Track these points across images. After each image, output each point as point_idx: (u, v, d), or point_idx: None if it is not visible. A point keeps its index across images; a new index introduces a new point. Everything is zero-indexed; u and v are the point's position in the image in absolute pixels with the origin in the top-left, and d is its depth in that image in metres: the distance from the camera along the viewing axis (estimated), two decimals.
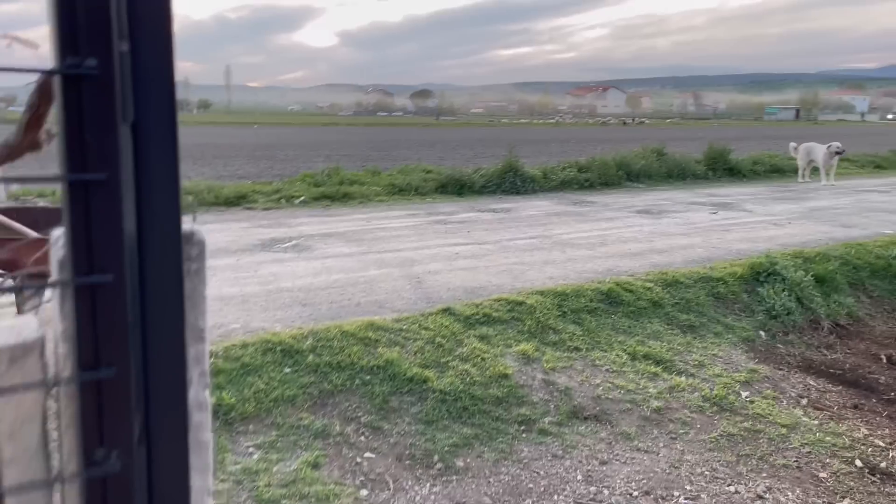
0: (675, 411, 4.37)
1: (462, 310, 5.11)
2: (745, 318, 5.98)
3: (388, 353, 4.38)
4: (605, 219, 9.38)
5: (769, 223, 9.17)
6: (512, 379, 4.38)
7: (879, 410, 4.73)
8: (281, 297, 5.36)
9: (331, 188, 10.42)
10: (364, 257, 6.71)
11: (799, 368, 5.39)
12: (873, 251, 7.44)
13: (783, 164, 16.40)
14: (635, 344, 5.13)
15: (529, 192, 11.92)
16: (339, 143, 33.66)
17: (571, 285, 5.81)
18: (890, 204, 11.25)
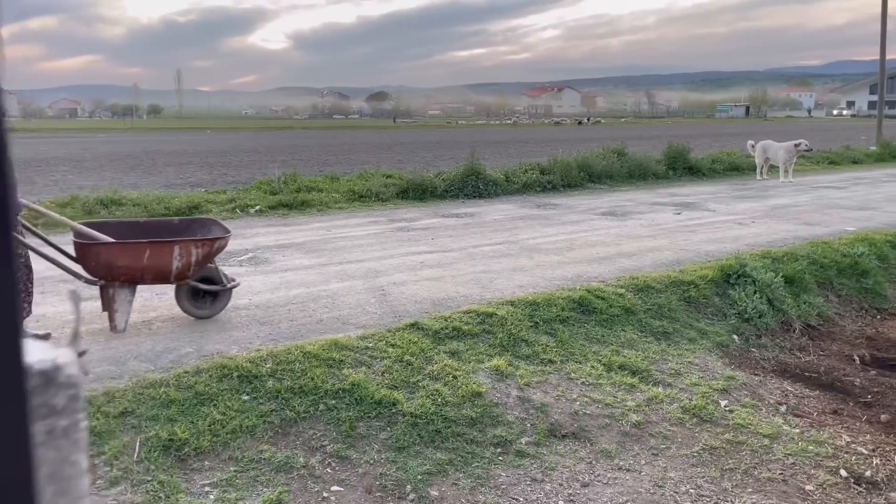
0: (656, 425, 4.21)
1: (430, 324, 4.87)
2: (718, 323, 5.87)
3: (354, 374, 4.11)
4: (570, 222, 9.24)
5: (733, 222, 9.15)
6: (485, 397, 4.16)
7: (858, 415, 4.64)
8: (237, 316, 5.04)
9: (288, 196, 10.07)
10: (325, 269, 6.42)
11: (774, 373, 5.29)
12: (839, 249, 7.43)
13: (741, 162, 16.56)
14: (610, 354, 4.96)
15: (492, 196, 11.74)
16: (296, 147, 33.11)
17: (542, 294, 5.62)
18: (848, 200, 11.37)
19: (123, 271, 4.47)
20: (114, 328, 4.57)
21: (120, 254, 4.48)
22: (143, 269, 4.52)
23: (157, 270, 4.57)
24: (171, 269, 4.60)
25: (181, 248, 4.59)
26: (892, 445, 4.17)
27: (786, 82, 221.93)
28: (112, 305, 4.55)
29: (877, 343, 6.05)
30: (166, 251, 4.56)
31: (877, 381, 5.17)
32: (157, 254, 4.53)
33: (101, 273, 4.50)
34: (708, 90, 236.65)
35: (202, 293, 4.92)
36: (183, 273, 4.67)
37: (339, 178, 12.13)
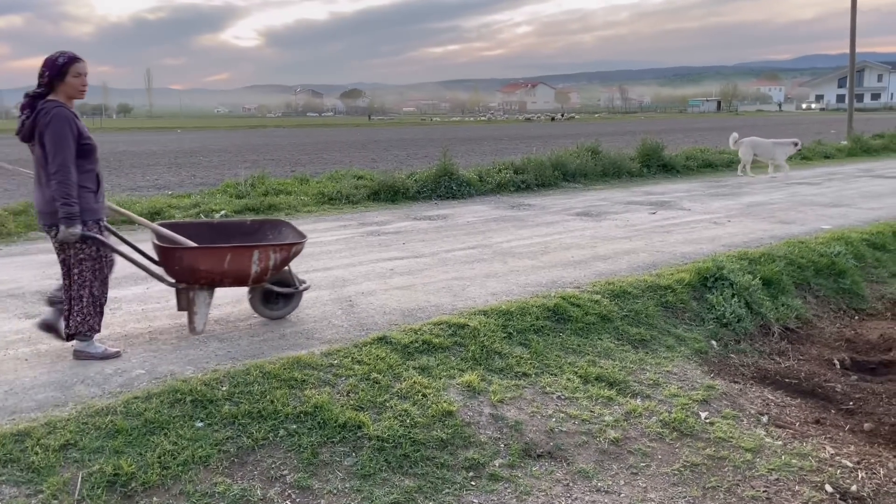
0: (634, 441, 4.03)
1: (399, 337, 4.65)
2: (696, 328, 5.72)
3: (317, 395, 3.88)
4: (545, 223, 9.07)
5: (709, 222, 9.03)
6: (457, 416, 3.95)
7: (841, 424, 4.50)
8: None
9: (255, 199, 9.76)
10: None
11: (755, 380, 5.15)
12: (816, 249, 7.34)
13: (714, 158, 16.55)
14: (586, 365, 4.78)
15: (466, 196, 11.54)
16: (267, 146, 32.64)
17: (516, 302, 5.42)
18: (822, 197, 11.34)
19: (204, 275, 4.57)
20: (192, 330, 4.69)
21: (202, 258, 4.57)
22: (223, 273, 4.62)
23: (236, 274, 4.67)
24: (249, 274, 4.69)
25: (260, 253, 4.67)
26: (877, 457, 4.04)
27: (756, 76, 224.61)
28: (191, 308, 4.66)
29: (856, 345, 5.94)
30: (246, 256, 4.62)
31: (858, 387, 5.05)
32: (238, 258, 4.60)
33: (183, 276, 4.59)
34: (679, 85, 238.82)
35: (275, 295, 5.00)
36: (261, 277, 4.77)
37: (308, 180, 11.84)
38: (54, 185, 4.01)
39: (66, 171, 4.00)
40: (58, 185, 4.00)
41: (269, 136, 44.89)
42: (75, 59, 4.15)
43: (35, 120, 4.06)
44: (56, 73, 4.08)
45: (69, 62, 4.10)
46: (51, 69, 4.08)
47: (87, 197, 4.15)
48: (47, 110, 4.03)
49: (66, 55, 4.14)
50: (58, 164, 3.99)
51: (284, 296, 5.04)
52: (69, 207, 4.01)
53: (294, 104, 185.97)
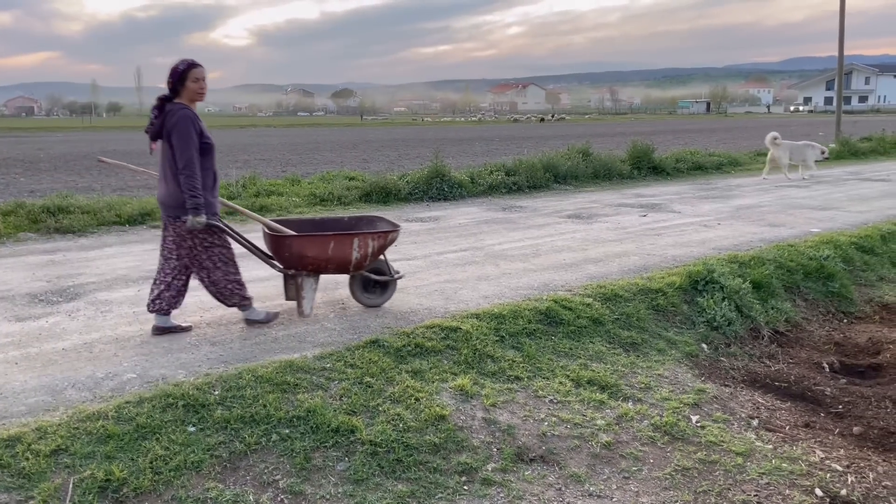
0: (626, 445, 4.04)
1: (392, 340, 4.65)
2: (687, 331, 5.75)
3: (310, 399, 3.87)
4: (536, 226, 9.08)
5: (699, 224, 9.08)
6: (449, 421, 3.95)
7: (831, 428, 4.54)
8: (186, 336, 4.76)
9: (246, 200, 9.72)
10: (281, 281, 6.13)
11: (745, 383, 5.18)
12: (805, 252, 7.39)
13: (704, 160, 16.63)
14: (578, 368, 4.79)
15: (457, 198, 11.55)
16: (258, 146, 32.52)
17: (508, 305, 5.44)
18: (811, 200, 11.42)
19: (311, 261, 5.02)
20: (301, 313, 5.14)
21: (309, 245, 5.00)
22: (327, 260, 5.05)
23: (339, 261, 5.10)
24: (350, 260, 5.12)
25: (360, 240, 5.10)
26: (867, 461, 4.07)
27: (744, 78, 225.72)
28: (300, 293, 5.11)
29: (845, 349, 5.99)
30: (347, 243, 5.07)
31: (847, 391, 5.09)
32: (340, 245, 5.04)
33: (293, 263, 5.03)
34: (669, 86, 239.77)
35: (372, 283, 5.43)
36: (360, 264, 5.20)
37: (300, 181, 11.81)
38: (182, 180, 4.44)
39: (191, 166, 4.43)
40: (185, 180, 4.43)
41: (260, 136, 44.76)
42: (193, 65, 4.57)
43: (163, 121, 4.52)
44: (177, 79, 4.53)
45: (188, 69, 4.54)
46: (173, 76, 4.53)
47: (204, 193, 4.54)
48: (173, 112, 4.49)
49: (185, 62, 4.56)
50: (185, 160, 4.42)
51: (381, 284, 5.46)
52: (196, 199, 4.43)
53: (285, 104, 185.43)
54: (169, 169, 4.55)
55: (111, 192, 11.99)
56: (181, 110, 4.50)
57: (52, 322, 5.06)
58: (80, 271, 6.60)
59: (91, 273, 6.53)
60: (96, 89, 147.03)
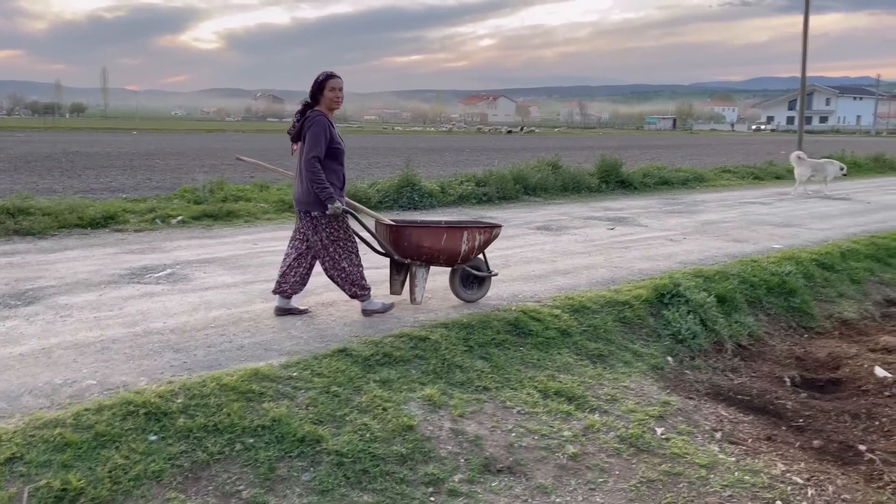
0: (592, 456, 4.06)
1: (360, 349, 4.62)
2: (653, 344, 5.81)
3: (275, 408, 3.82)
4: (505, 237, 9.10)
5: (665, 239, 9.20)
6: (417, 431, 3.93)
7: (791, 441, 4.61)
8: (150, 342, 4.66)
9: (213, 205, 9.59)
10: (249, 288, 6.07)
11: (709, 396, 5.24)
12: (767, 268, 7.53)
13: (670, 176, 16.88)
14: (546, 379, 4.81)
15: (428, 208, 11.54)
16: (227, 151, 32.14)
17: (477, 315, 5.44)
18: (773, 216, 11.65)
19: (426, 251, 5.50)
20: (413, 300, 5.62)
21: (426, 236, 5.48)
22: (440, 251, 5.54)
23: (449, 252, 5.58)
24: (459, 252, 5.61)
25: (469, 233, 5.62)
26: (826, 474, 4.14)
27: (710, 96, 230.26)
28: (413, 282, 5.60)
29: (805, 363, 6.11)
30: (458, 236, 5.57)
31: (808, 405, 5.19)
32: (451, 237, 5.53)
33: (410, 253, 5.50)
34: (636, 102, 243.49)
35: (471, 279, 5.88)
36: (467, 256, 5.69)
37: (269, 187, 11.69)
38: (307, 175, 4.95)
39: (314, 163, 4.93)
40: (310, 175, 4.94)
41: (228, 141, 44.30)
42: (330, 76, 5.08)
43: (303, 125, 5.06)
44: (316, 89, 5.07)
45: (325, 79, 5.06)
46: (313, 85, 5.10)
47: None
48: (311, 118, 5.04)
49: (324, 73, 5.09)
50: (309, 157, 4.94)
51: (478, 280, 5.91)
52: (325, 190, 4.92)
53: (254, 109, 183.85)
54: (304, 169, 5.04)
55: (73, 194, 11.73)
56: (318, 116, 5.03)
57: (10, 326, 4.91)
58: (39, 274, 6.43)
59: (51, 276, 6.37)
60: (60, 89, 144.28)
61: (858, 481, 4.11)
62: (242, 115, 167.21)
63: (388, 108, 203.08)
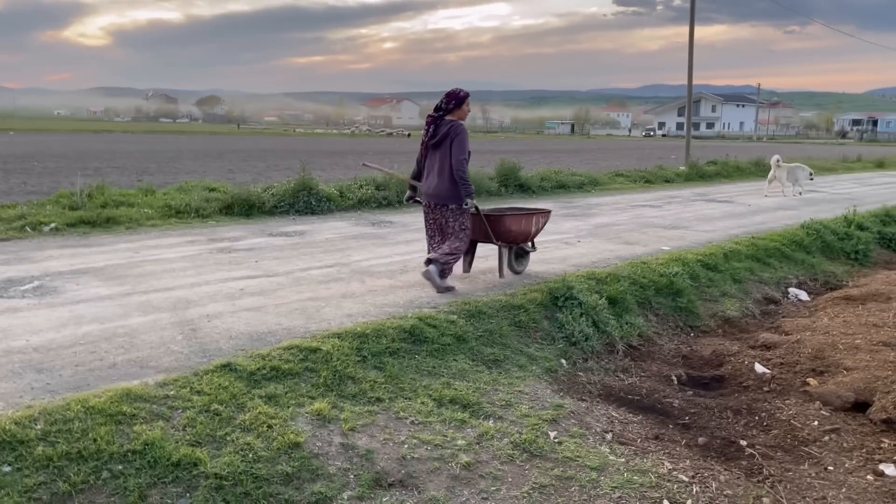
0: (486, 464, 4.01)
1: (245, 364, 4.39)
2: (548, 347, 5.86)
3: (148, 431, 3.55)
4: (404, 241, 9.03)
5: (560, 242, 9.35)
6: (304, 448, 3.75)
7: (678, 439, 4.74)
8: (9, 362, 4.26)
9: (91, 211, 8.98)
10: (126, 300, 5.68)
11: (601, 397, 5.32)
12: (656, 269, 7.77)
13: (567, 180, 17.28)
14: (441, 387, 4.73)
15: (326, 212, 11.29)
16: (113, 153, 30.53)
17: (372, 324, 5.30)
18: (662, 219, 12.11)
19: (513, 235, 6.85)
20: (501, 275, 7.01)
21: (513, 222, 6.82)
22: (520, 233, 6.91)
23: (525, 234, 6.99)
24: (531, 233, 7.09)
25: (536, 218, 7.10)
26: (710, 470, 4.27)
27: (606, 102, 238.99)
28: (501, 260, 7.03)
29: (691, 361, 6.33)
30: (531, 220, 7.03)
31: (693, 402, 5.35)
32: (528, 222, 6.98)
33: (503, 237, 6.82)
34: (536, 107, 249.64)
35: (522, 254, 7.24)
36: (533, 236, 7.19)
37: (154, 192, 11.10)
38: (459, 175, 6.08)
39: (464, 164, 6.12)
40: (460, 174, 6.08)
41: (116, 142, 42.13)
42: (468, 94, 6.30)
43: (447, 131, 6.13)
44: (457, 103, 6.24)
45: (466, 96, 6.29)
46: (456, 99, 6.23)
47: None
48: (457, 127, 6.17)
49: (464, 91, 6.28)
50: (460, 159, 6.07)
51: (525, 255, 7.25)
52: (469, 188, 6.14)
53: (145, 109, 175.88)
54: (447, 169, 6.13)
55: None
56: (461, 126, 6.22)
57: None
58: None
59: None
60: None
61: (740, 476, 4.26)
62: (133, 115, 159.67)
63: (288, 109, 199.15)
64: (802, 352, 6.19)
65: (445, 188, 6.14)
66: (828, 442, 4.74)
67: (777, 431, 4.90)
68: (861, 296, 7.97)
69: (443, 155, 6.12)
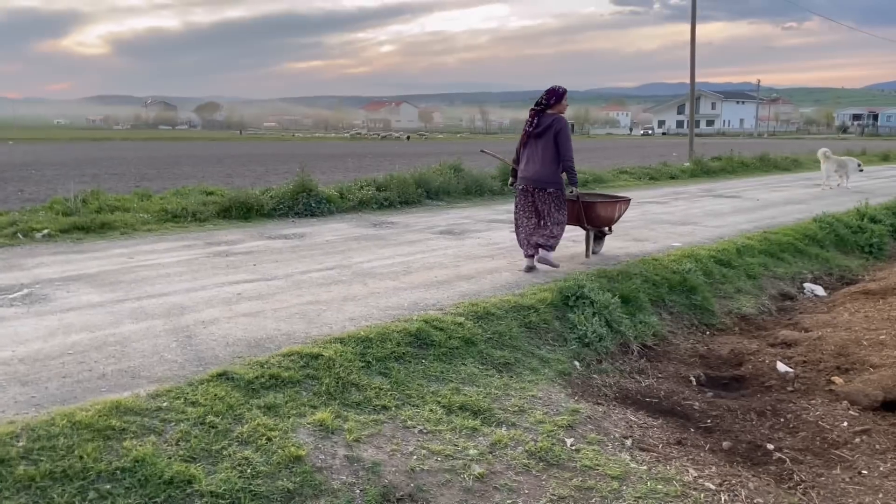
0: (500, 475, 3.76)
1: (243, 372, 4.14)
2: (560, 349, 5.61)
3: (139, 447, 3.30)
4: (407, 242, 8.78)
5: (567, 240, 9.07)
6: (306, 461, 3.51)
7: (701, 444, 4.49)
8: None
9: (86, 217, 8.74)
10: (118, 307, 5.44)
11: (617, 401, 5.08)
12: (668, 266, 7.52)
13: None
14: (450, 393, 4.49)
15: (326, 214, 11.05)
16: (112, 160, 30.36)
17: (376, 327, 5.06)
18: (670, 215, 11.85)
19: (601, 220, 7.66)
20: (588, 256, 7.73)
21: (602, 209, 7.60)
22: (605, 218, 7.69)
23: (609, 219, 7.78)
24: (614, 218, 7.83)
25: (619, 205, 7.83)
26: (737, 477, 4.02)
27: (605, 102, 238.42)
28: (588, 242, 7.72)
29: (709, 361, 6.07)
30: (616, 207, 7.78)
31: (714, 404, 5.10)
32: (612, 208, 7.71)
33: (593, 222, 7.57)
34: None
35: (601, 236, 8.03)
36: (615, 221, 7.92)
37: (151, 196, 10.87)
38: (567, 165, 6.78)
39: (572, 156, 6.79)
40: (569, 164, 6.77)
41: (115, 149, 41.97)
42: (566, 91, 6.88)
43: (551, 123, 6.75)
44: (558, 99, 6.82)
45: (565, 92, 6.87)
46: (556, 96, 6.82)
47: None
48: (559, 120, 6.80)
49: (563, 88, 6.85)
50: (569, 152, 6.78)
51: (602, 237, 8.05)
52: (575, 176, 6.88)
53: (145, 116, 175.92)
54: (548, 156, 6.75)
55: None
56: (563, 119, 6.83)
57: None
58: None
59: None
60: None
61: (769, 483, 4.01)
62: (132, 122, 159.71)
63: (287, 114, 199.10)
64: (825, 349, 5.93)
65: (546, 173, 6.74)
66: (859, 444, 4.49)
67: (805, 434, 4.65)
68: (880, 290, 7.71)
69: (545, 144, 6.73)
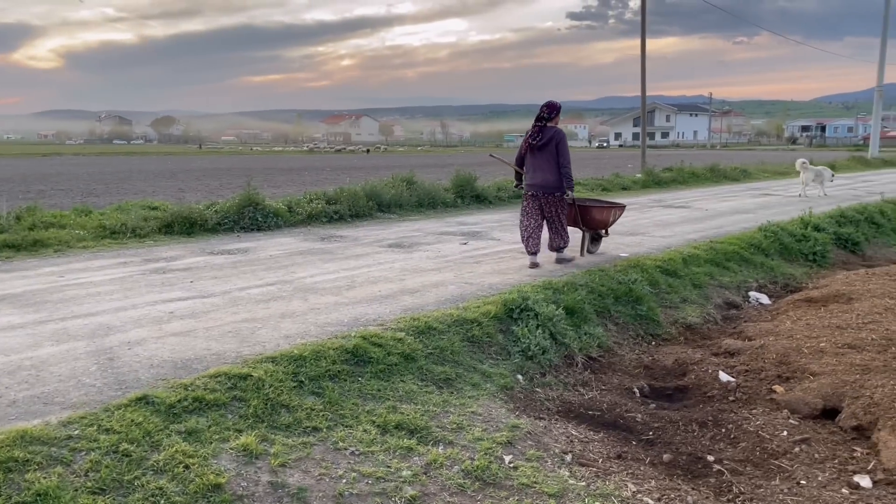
0: (433, 497, 3.63)
1: (164, 395, 3.94)
2: (503, 363, 5.51)
3: (43, 479, 3.10)
4: (354, 256, 8.62)
5: (517, 251, 9.04)
6: (226, 490, 3.33)
7: (642, 457, 4.42)
8: None
9: (17, 234, 8.39)
10: (40, 328, 5.18)
11: (559, 415, 4.99)
12: (614, 277, 7.51)
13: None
14: (386, 412, 4.35)
15: (273, 228, 10.82)
16: (60, 175, 29.54)
17: (311, 345, 4.89)
18: (620, 226, 11.83)
19: (596, 223, 8.40)
20: (582, 254, 8.56)
21: (597, 212, 8.38)
22: (600, 221, 8.43)
23: (604, 222, 8.49)
24: (608, 222, 8.56)
25: (614, 211, 8.59)
26: (676, 490, 3.96)
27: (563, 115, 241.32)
28: (583, 243, 8.58)
29: (653, 371, 6.04)
30: (611, 212, 8.54)
31: (656, 416, 5.05)
32: (607, 213, 8.50)
33: (588, 224, 8.38)
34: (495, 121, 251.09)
35: (597, 238, 8.76)
36: (609, 225, 8.65)
37: (90, 212, 10.51)
38: (565, 171, 7.55)
39: (570, 163, 7.61)
40: (567, 171, 7.57)
41: (65, 165, 40.91)
42: (561, 105, 7.85)
43: (553, 135, 7.59)
44: (556, 113, 7.71)
45: (560, 107, 7.81)
46: (556, 110, 7.71)
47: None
48: (559, 132, 7.67)
49: (559, 103, 7.75)
50: (568, 161, 7.59)
51: (598, 239, 8.77)
52: (572, 182, 7.62)
53: (99, 131, 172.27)
54: (553, 164, 7.57)
55: None
56: (562, 131, 7.72)
57: None
58: None
59: None
60: None
61: (709, 496, 3.96)
62: (86, 137, 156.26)
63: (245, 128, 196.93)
64: (767, 357, 5.95)
65: (553, 180, 7.56)
66: (798, 454, 4.47)
67: (745, 444, 4.62)
68: (822, 297, 7.81)
69: (549, 154, 7.55)
